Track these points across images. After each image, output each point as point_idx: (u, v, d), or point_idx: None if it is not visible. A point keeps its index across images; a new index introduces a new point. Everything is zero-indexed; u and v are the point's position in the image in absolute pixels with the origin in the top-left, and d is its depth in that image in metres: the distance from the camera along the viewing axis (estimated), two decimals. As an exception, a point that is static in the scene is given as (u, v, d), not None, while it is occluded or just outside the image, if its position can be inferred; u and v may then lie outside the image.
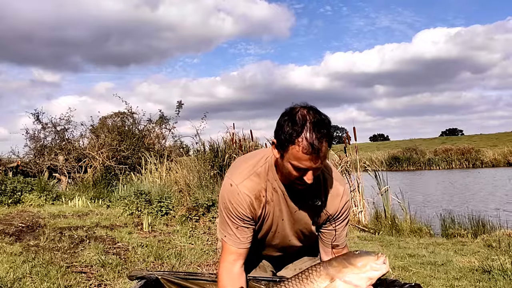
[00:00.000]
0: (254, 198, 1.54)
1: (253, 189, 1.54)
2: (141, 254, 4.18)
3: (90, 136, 11.86)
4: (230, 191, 1.55)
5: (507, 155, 26.81)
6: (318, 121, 1.36)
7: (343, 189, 1.61)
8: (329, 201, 1.59)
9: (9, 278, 3.16)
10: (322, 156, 1.36)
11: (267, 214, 1.58)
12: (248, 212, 1.54)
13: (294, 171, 1.40)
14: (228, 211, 1.56)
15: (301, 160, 1.36)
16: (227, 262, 1.57)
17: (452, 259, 4.36)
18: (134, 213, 6.23)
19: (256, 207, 1.55)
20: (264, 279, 1.66)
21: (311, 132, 1.33)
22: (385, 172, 8.18)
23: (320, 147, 1.34)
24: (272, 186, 1.55)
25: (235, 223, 1.55)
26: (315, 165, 1.37)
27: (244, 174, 1.56)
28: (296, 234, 1.66)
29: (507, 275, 3.50)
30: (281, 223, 1.61)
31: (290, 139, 1.35)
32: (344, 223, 1.64)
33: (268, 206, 1.56)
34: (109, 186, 9.18)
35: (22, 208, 6.63)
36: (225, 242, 1.58)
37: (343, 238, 1.66)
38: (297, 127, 1.35)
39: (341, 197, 1.59)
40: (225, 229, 1.58)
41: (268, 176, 1.55)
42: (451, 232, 6.18)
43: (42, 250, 4.08)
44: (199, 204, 6.18)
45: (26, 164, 10.79)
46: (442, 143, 40.89)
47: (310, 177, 1.39)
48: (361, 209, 7.03)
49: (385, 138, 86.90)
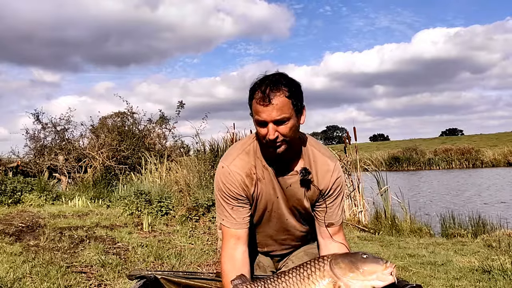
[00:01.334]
0: (245, 176, 1.57)
1: (243, 167, 1.57)
2: (141, 254, 4.18)
3: (90, 136, 11.87)
4: (221, 173, 1.58)
5: (507, 155, 26.79)
6: (277, 78, 1.45)
7: (334, 165, 1.61)
8: (319, 176, 1.59)
9: (9, 278, 3.16)
10: (277, 107, 1.40)
11: (260, 192, 1.59)
12: (240, 190, 1.56)
13: (259, 127, 1.46)
14: (222, 192, 1.59)
15: (258, 112, 1.43)
16: (229, 248, 1.57)
17: (452, 259, 4.36)
18: (134, 213, 6.23)
19: (248, 184, 1.57)
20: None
21: (266, 85, 1.42)
22: (385, 172, 8.18)
23: (273, 96, 1.40)
24: (262, 163, 1.58)
25: (230, 204, 1.58)
26: (271, 116, 1.40)
27: (234, 155, 1.60)
28: (291, 212, 1.65)
29: (507, 275, 3.50)
30: (276, 201, 1.61)
31: (251, 96, 1.46)
32: (338, 200, 1.63)
33: (260, 184, 1.58)
34: (109, 186, 9.18)
35: (22, 208, 6.62)
36: (224, 226, 1.60)
37: (338, 216, 1.64)
38: (256, 84, 1.46)
39: (331, 172, 1.59)
40: (222, 212, 1.60)
41: (257, 154, 1.58)
42: (451, 232, 6.18)
43: (42, 250, 4.08)
44: (199, 204, 6.18)
45: (26, 164, 10.79)
46: (442, 143, 40.88)
47: (271, 132, 1.42)
48: (361, 209, 7.03)
49: (385, 138, 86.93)
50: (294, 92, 1.45)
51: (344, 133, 8.63)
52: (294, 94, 1.44)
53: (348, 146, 7.74)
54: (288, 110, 1.42)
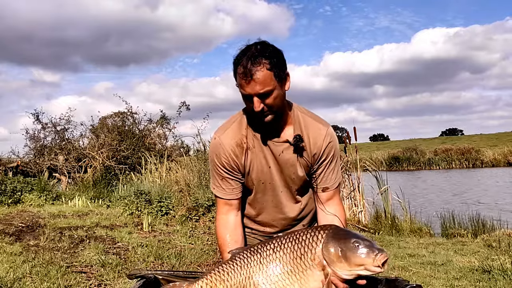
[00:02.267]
0: (235, 145, 1.58)
1: (234, 137, 1.59)
2: (141, 254, 4.18)
3: (90, 136, 11.86)
4: (213, 144, 1.63)
5: (507, 155, 26.79)
6: (259, 51, 1.44)
7: (326, 129, 1.62)
8: (312, 141, 1.59)
9: (9, 278, 3.16)
10: (259, 81, 1.42)
11: (251, 161, 1.60)
12: (231, 160, 1.59)
13: (245, 100, 1.49)
14: (213, 162, 1.63)
15: (242, 87, 1.45)
16: (221, 214, 1.65)
17: (452, 259, 4.36)
18: (134, 213, 6.23)
19: (238, 154, 1.59)
20: None
21: (247, 60, 1.42)
22: (385, 172, 8.18)
23: (254, 71, 1.41)
24: (252, 133, 1.60)
25: (220, 174, 1.61)
26: (254, 90, 1.43)
27: (226, 126, 1.63)
28: (285, 184, 1.65)
29: (507, 275, 3.50)
30: (268, 171, 1.62)
31: (235, 70, 1.48)
32: (332, 164, 1.63)
33: (250, 153, 1.60)
34: (109, 186, 9.18)
35: (22, 208, 6.62)
36: (216, 196, 1.66)
37: (332, 180, 1.64)
38: (239, 58, 1.46)
39: (324, 136, 1.60)
40: (214, 182, 1.66)
41: (247, 123, 1.61)
42: (451, 232, 6.18)
43: (42, 250, 4.08)
44: (199, 204, 6.18)
45: (26, 164, 10.78)
46: (442, 143, 40.87)
47: (256, 105, 1.44)
48: (361, 209, 7.03)
49: (385, 138, 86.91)
50: (276, 63, 1.45)
51: (344, 133, 8.63)
52: (275, 65, 1.45)
53: (348, 146, 7.74)
54: (270, 82, 1.44)
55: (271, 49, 1.47)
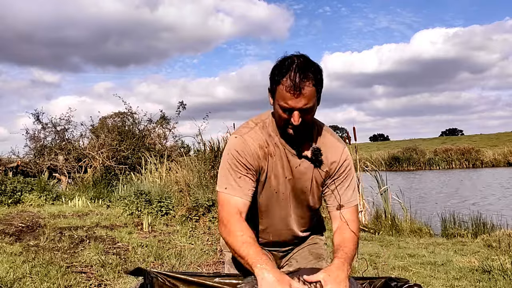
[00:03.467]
0: (258, 147, 1.57)
1: (258, 139, 1.58)
2: (141, 254, 4.18)
3: (90, 136, 11.86)
4: (235, 141, 1.58)
5: (507, 155, 26.79)
6: (305, 65, 1.44)
7: (343, 148, 1.65)
8: (329, 158, 1.61)
9: (9, 278, 3.16)
10: (305, 96, 1.42)
11: (270, 168, 1.59)
12: (252, 160, 1.56)
13: (282, 112, 1.47)
14: (233, 159, 1.56)
15: (285, 99, 1.43)
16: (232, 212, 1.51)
17: (452, 259, 4.36)
18: (134, 213, 6.23)
19: (260, 156, 1.57)
20: None
21: (295, 72, 1.42)
22: (385, 172, 8.18)
23: (303, 86, 1.41)
24: (273, 141, 1.59)
25: (239, 172, 1.55)
26: (298, 104, 1.43)
27: (249, 127, 1.62)
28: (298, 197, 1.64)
29: (507, 275, 3.50)
30: (284, 182, 1.61)
31: (277, 80, 1.45)
32: (347, 181, 1.64)
33: (270, 160, 1.58)
34: (109, 186, 9.18)
35: (22, 208, 6.63)
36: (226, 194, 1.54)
37: (348, 197, 1.63)
38: (284, 69, 1.44)
39: (341, 154, 1.63)
40: (227, 180, 1.55)
41: (270, 131, 1.60)
42: (451, 232, 6.18)
43: (42, 250, 4.08)
44: (199, 204, 6.18)
45: (26, 164, 10.78)
46: (442, 143, 40.88)
47: (296, 118, 1.45)
48: (361, 209, 7.02)
49: (385, 138, 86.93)
50: (319, 79, 1.46)
51: (344, 133, 8.63)
52: (319, 81, 1.46)
53: (348, 146, 7.74)
54: (313, 98, 1.46)
55: (315, 65, 1.47)
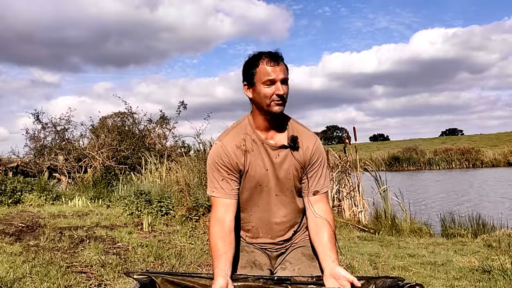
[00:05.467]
0: (235, 147, 1.72)
1: (234, 140, 1.73)
2: (141, 254, 4.18)
3: (90, 136, 11.86)
4: (215, 149, 1.75)
5: (507, 155, 26.79)
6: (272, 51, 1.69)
7: (316, 137, 1.81)
8: (304, 145, 1.75)
9: (9, 278, 3.16)
10: (283, 69, 1.66)
11: (250, 163, 1.72)
12: (231, 160, 1.71)
13: (267, 87, 1.65)
14: (215, 164, 1.73)
15: (268, 73, 1.64)
16: (219, 214, 1.69)
17: (452, 259, 4.36)
18: (134, 213, 6.23)
19: (238, 154, 1.71)
20: (262, 277, 1.65)
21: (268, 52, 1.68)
22: (385, 172, 8.18)
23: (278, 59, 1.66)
24: (251, 138, 1.73)
25: (221, 174, 1.71)
26: (280, 76, 1.64)
27: (226, 132, 1.79)
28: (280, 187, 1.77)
29: (507, 275, 3.50)
30: (265, 174, 1.74)
31: (255, 64, 1.67)
32: (321, 169, 1.78)
33: (249, 155, 1.72)
34: (109, 186, 9.17)
35: (22, 208, 6.62)
36: (214, 197, 1.72)
37: (321, 185, 1.77)
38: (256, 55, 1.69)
39: (314, 142, 1.77)
40: (213, 184, 1.73)
41: (247, 130, 1.75)
42: (451, 232, 6.18)
43: (42, 250, 4.08)
44: (199, 204, 6.18)
45: (26, 164, 10.78)
46: (442, 143, 40.86)
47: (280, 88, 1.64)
48: (361, 209, 7.03)
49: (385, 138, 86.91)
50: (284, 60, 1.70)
51: (344, 133, 8.63)
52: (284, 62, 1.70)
53: (348, 146, 7.74)
54: (287, 72, 1.69)
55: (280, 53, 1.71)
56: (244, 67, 1.72)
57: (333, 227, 1.71)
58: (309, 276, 1.67)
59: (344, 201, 7.13)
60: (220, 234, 1.63)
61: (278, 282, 1.61)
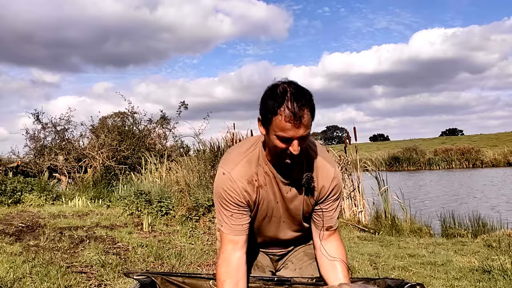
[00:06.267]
0: (247, 183, 1.56)
1: (245, 175, 1.56)
2: (141, 254, 4.18)
3: (90, 136, 11.86)
4: (223, 179, 1.57)
5: (507, 155, 26.79)
6: (298, 92, 1.41)
7: (334, 171, 1.62)
8: (319, 182, 1.60)
9: (9, 278, 3.16)
10: (304, 125, 1.39)
11: (262, 198, 1.59)
12: (242, 198, 1.56)
13: (280, 142, 1.42)
14: (222, 199, 1.57)
15: (285, 129, 1.39)
16: (225, 252, 1.57)
17: (452, 259, 4.36)
18: (134, 213, 6.23)
19: (250, 191, 1.56)
20: (263, 278, 1.66)
21: (292, 101, 1.38)
22: (385, 172, 8.18)
23: (302, 114, 1.37)
24: (263, 170, 1.57)
25: (230, 211, 1.57)
26: (298, 133, 1.39)
27: (236, 161, 1.58)
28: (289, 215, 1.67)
29: (507, 275, 3.50)
30: (275, 207, 1.63)
31: (273, 111, 1.39)
32: (335, 205, 1.65)
33: (261, 190, 1.58)
34: (109, 186, 9.17)
35: (22, 208, 6.62)
36: (223, 232, 1.59)
37: (335, 219, 1.67)
38: (279, 98, 1.39)
39: (331, 178, 1.61)
40: (221, 219, 1.59)
41: (259, 160, 1.58)
42: (451, 232, 6.18)
43: (42, 250, 4.08)
44: (199, 204, 6.18)
45: (26, 164, 10.78)
46: (442, 143, 40.86)
47: (296, 148, 1.41)
48: (361, 209, 7.03)
49: (385, 138, 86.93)
50: (313, 105, 1.43)
51: (344, 133, 8.64)
52: (313, 107, 1.43)
53: (348, 146, 7.74)
54: (309, 125, 1.43)
55: (307, 90, 1.45)
56: (263, 99, 1.46)
57: (347, 265, 1.62)
58: (310, 277, 1.67)
59: (345, 201, 7.13)
60: (227, 274, 1.53)
61: (278, 283, 1.62)
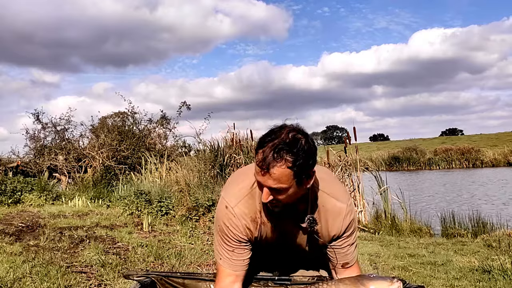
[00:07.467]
0: (250, 221, 1.49)
1: (249, 212, 1.49)
2: (141, 254, 4.18)
3: (90, 136, 11.86)
4: (225, 214, 1.50)
5: (507, 155, 26.80)
6: (287, 143, 1.28)
7: (345, 206, 1.51)
8: (330, 222, 1.50)
9: (9, 278, 3.16)
10: (274, 178, 1.28)
11: (263, 235, 1.54)
12: (244, 235, 1.50)
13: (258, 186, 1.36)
14: (223, 233, 1.51)
15: (257, 171, 1.32)
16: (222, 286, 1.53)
17: (452, 259, 4.36)
18: (134, 213, 6.23)
19: (252, 229, 1.50)
20: (263, 278, 1.65)
21: (270, 149, 1.27)
22: (385, 172, 8.18)
23: (273, 165, 1.26)
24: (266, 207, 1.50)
25: (231, 246, 1.51)
26: (266, 183, 1.30)
27: (239, 196, 1.50)
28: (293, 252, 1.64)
29: (507, 275, 3.50)
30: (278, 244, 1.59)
31: (256, 149, 1.33)
32: (350, 240, 1.55)
33: (263, 227, 1.52)
34: (109, 186, 9.17)
35: (22, 208, 6.62)
36: (220, 266, 1.54)
37: (352, 255, 1.57)
38: (266, 140, 1.31)
39: (343, 216, 1.50)
40: (221, 252, 1.53)
41: None
42: (451, 232, 6.18)
43: (42, 250, 4.08)
44: (199, 204, 6.18)
45: (26, 164, 10.79)
46: (442, 143, 40.86)
47: (265, 197, 1.33)
48: (361, 209, 7.03)
49: (385, 138, 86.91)
50: (301, 164, 1.28)
51: (344, 133, 8.64)
52: (299, 165, 1.28)
53: (348, 146, 7.74)
54: (287, 181, 1.30)
55: (301, 144, 1.29)
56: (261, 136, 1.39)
57: None
58: (310, 276, 1.67)
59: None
60: None
61: (278, 282, 1.61)
